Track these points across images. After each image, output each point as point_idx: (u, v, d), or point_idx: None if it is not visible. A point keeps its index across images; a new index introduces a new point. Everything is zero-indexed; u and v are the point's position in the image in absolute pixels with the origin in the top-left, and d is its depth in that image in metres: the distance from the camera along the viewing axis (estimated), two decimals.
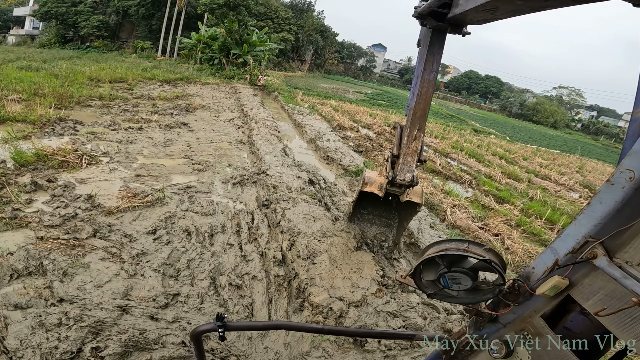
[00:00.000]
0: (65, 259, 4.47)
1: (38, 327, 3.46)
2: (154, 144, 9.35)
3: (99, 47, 42.31)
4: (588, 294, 1.30)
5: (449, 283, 1.56)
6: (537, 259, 1.49)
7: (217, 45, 31.14)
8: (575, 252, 1.33)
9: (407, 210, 5.44)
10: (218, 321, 1.75)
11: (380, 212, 5.92)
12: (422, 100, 4.23)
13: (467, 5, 3.19)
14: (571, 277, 1.35)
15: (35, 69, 18.13)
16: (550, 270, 1.39)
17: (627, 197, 1.20)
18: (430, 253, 1.56)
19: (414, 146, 4.40)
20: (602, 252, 1.24)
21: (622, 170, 1.23)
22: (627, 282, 1.12)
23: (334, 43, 70.70)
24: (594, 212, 1.30)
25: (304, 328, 2.18)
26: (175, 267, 4.71)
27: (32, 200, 5.75)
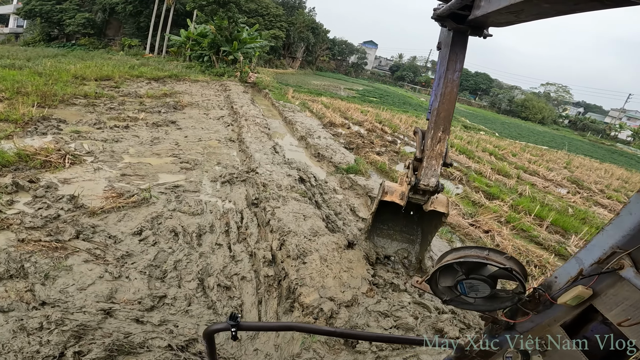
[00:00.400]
0: (47, 261, 4.34)
1: (19, 331, 3.35)
2: (141, 143, 9.17)
3: (85, 45, 41.64)
4: (612, 305, 1.30)
5: (466, 290, 1.55)
6: (560, 268, 1.49)
7: (207, 43, 30.84)
8: (601, 263, 1.32)
9: (431, 222, 4.93)
10: (231, 320, 1.73)
11: (402, 226, 5.42)
12: (447, 101, 4.02)
13: (489, 7, 3.03)
14: (595, 287, 1.35)
15: (19, 67, 17.72)
16: (574, 280, 1.39)
17: None
18: (449, 259, 1.54)
19: (439, 149, 4.12)
20: (630, 263, 1.23)
21: None
22: None
23: (326, 40, 70.53)
24: (622, 223, 1.28)
25: (317, 330, 2.17)
26: (162, 268, 4.59)
27: (13, 201, 5.57)
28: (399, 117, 24.28)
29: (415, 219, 5.30)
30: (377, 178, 10.05)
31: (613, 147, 56.86)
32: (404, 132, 18.87)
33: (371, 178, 9.79)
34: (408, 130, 19.59)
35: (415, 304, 4.61)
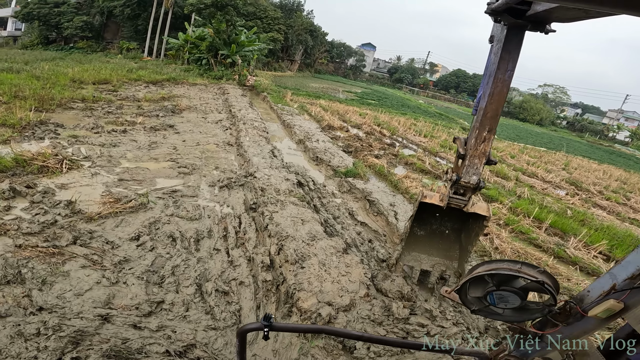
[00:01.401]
0: (45, 267, 4.33)
1: (17, 337, 3.35)
2: (139, 147, 9.16)
3: (83, 48, 41.60)
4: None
5: (495, 301, 1.59)
6: (593, 283, 1.52)
7: (205, 46, 30.85)
8: (634, 278, 1.37)
9: (471, 229, 4.73)
10: (265, 321, 1.81)
11: (440, 238, 5.17)
12: (495, 101, 3.85)
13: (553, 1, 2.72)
14: (626, 301, 1.38)
15: (16, 70, 17.69)
16: (607, 294, 1.43)
17: None
18: (479, 271, 1.57)
19: (483, 148, 4.00)
20: None
21: None
22: None
23: (324, 42, 70.57)
24: None
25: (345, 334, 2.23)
26: (160, 274, 4.58)
27: (10, 207, 5.56)
28: (397, 120, 24.31)
29: (454, 232, 5.10)
30: (375, 181, 10.05)
31: (611, 148, 56.98)
32: (403, 135, 18.88)
33: (370, 181, 9.79)
34: (407, 132, 19.62)
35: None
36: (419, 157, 13.91)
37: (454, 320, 4.48)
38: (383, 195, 8.91)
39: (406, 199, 9.14)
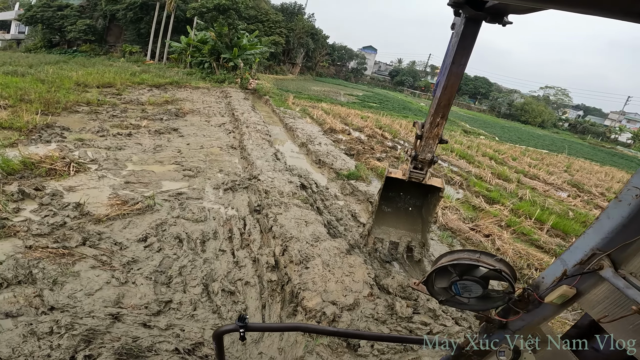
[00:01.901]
0: (55, 267, 4.43)
1: (30, 336, 3.44)
2: (144, 150, 9.28)
3: (86, 52, 41.94)
4: (594, 303, 1.38)
5: (460, 290, 1.63)
6: (547, 269, 1.57)
7: (207, 49, 31.06)
8: (583, 264, 1.41)
9: (430, 202, 5.50)
10: (240, 322, 1.81)
11: (404, 216, 5.86)
12: (448, 92, 4.31)
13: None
14: (578, 287, 1.43)
15: (21, 74, 17.90)
16: (559, 280, 1.47)
17: (633, 213, 1.28)
18: (443, 262, 1.63)
19: (436, 131, 4.60)
20: (608, 263, 1.32)
21: (629, 187, 1.32)
22: (629, 291, 1.20)
23: (325, 46, 70.76)
24: (601, 226, 1.38)
25: (321, 330, 2.28)
26: (167, 274, 4.68)
27: (19, 209, 5.67)
28: (399, 123, 24.41)
29: (416, 208, 5.80)
30: (377, 184, 10.15)
31: (613, 150, 56.95)
32: (404, 138, 18.98)
33: (372, 184, 9.89)
34: (408, 135, 19.71)
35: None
36: None
37: (457, 319, 4.57)
38: None
39: None
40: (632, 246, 1.30)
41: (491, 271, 1.54)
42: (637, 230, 1.28)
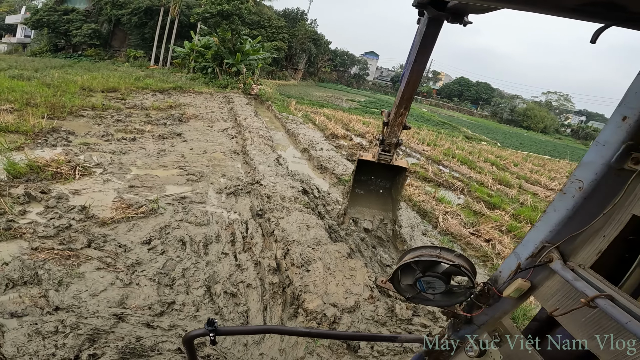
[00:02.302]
0: (60, 268, 4.52)
1: (35, 335, 3.51)
2: (148, 155, 9.40)
3: (91, 56, 42.26)
4: (548, 296, 1.40)
5: (424, 287, 1.66)
6: (503, 263, 1.60)
7: (211, 54, 31.30)
8: (535, 257, 1.44)
9: (397, 182, 6.17)
10: (209, 326, 1.80)
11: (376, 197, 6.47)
12: (410, 87, 4.74)
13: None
14: (532, 280, 1.45)
15: (27, 78, 18.10)
16: (514, 274, 1.49)
17: (578, 205, 1.32)
18: (406, 259, 1.66)
19: (400, 120, 5.26)
20: (558, 256, 1.35)
21: (573, 180, 1.35)
22: (578, 284, 1.22)
23: (327, 51, 71.02)
24: (549, 219, 1.41)
25: (292, 332, 2.29)
26: (170, 276, 4.76)
27: (26, 211, 5.77)
28: None
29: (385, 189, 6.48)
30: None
31: None
32: (406, 143, 19.06)
33: None
34: (410, 141, 19.80)
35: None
36: (422, 165, 14.08)
37: None
38: None
39: (409, 206, 9.30)
40: (579, 238, 1.33)
41: (451, 267, 1.58)
42: (583, 222, 1.32)
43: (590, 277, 1.24)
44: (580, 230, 1.32)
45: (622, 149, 1.20)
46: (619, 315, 1.06)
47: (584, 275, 1.25)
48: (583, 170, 1.33)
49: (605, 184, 1.27)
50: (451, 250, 1.63)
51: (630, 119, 1.19)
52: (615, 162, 1.22)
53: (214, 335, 1.81)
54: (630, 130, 1.19)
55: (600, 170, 1.27)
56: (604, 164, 1.26)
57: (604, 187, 1.28)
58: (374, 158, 5.69)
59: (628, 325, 1.03)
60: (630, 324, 1.02)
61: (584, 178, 1.31)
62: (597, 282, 1.21)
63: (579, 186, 1.32)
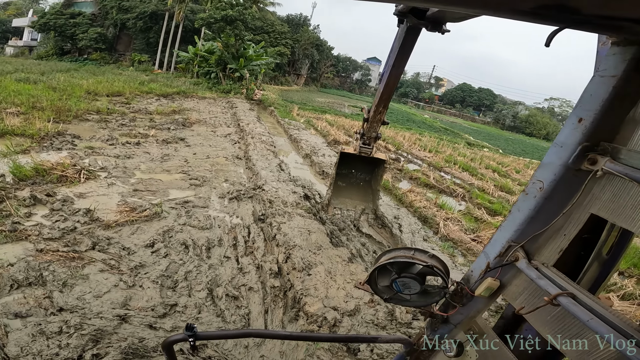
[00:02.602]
0: (65, 270, 4.58)
1: (39, 335, 3.57)
2: (152, 159, 9.50)
3: (97, 60, 42.71)
4: (516, 294, 1.44)
5: (400, 288, 1.69)
6: (474, 262, 1.65)
7: (214, 59, 31.57)
8: (502, 256, 1.48)
9: (377, 174, 6.88)
10: (188, 331, 1.77)
11: (357, 189, 7.21)
12: (388, 88, 5.32)
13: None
14: (501, 278, 1.49)
15: (34, 81, 18.31)
16: (484, 273, 1.53)
17: (539, 205, 1.37)
18: (382, 261, 1.70)
19: (378, 117, 5.86)
20: (523, 255, 1.39)
21: (534, 181, 1.39)
22: (541, 282, 1.26)
23: (330, 57, 71.27)
24: (514, 219, 1.46)
25: (273, 335, 2.33)
26: (173, 278, 4.83)
27: (31, 213, 5.86)
28: (402, 135, 24.57)
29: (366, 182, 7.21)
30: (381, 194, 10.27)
31: None
32: (408, 150, 19.13)
33: None
34: (411, 147, 19.88)
35: None
36: (423, 171, 14.13)
37: None
38: (387, 208, 9.13)
39: (410, 212, 9.36)
40: (541, 237, 1.37)
41: (425, 267, 1.61)
42: (545, 221, 1.36)
43: (553, 275, 1.28)
44: (543, 230, 1.36)
45: (578, 150, 1.24)
46: (580, 313, 1.10)
47: (547, 274, 1.29)
48: (543, 171, 1.37)
49: (564, 184, 1.31)
50: (424, 252, 1.67)
51: (585, 120, 1.24)
52: (572, 163, 1.26)
53: (194, 340, 1.79)
54: (585, 131, 1.23)
55: (559, 171, 1.31)
56: (562, 164, 1.30)
57: (563, 187, 1.32)
58: (355, 151, 6.34)
59: (589, 323, 1.06)
60: (591, 321, 1.06)
61: (544, 179, 1.35)
62: (560, 280, 1.25)
63: (539, 187, 1.36)
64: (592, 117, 1.22)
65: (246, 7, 31.94)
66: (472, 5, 0.75)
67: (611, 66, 1.19)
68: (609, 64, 1.20)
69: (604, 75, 1.21)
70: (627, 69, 1.15)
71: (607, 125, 1.22)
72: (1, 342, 3.45)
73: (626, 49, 1.15)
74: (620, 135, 1.22)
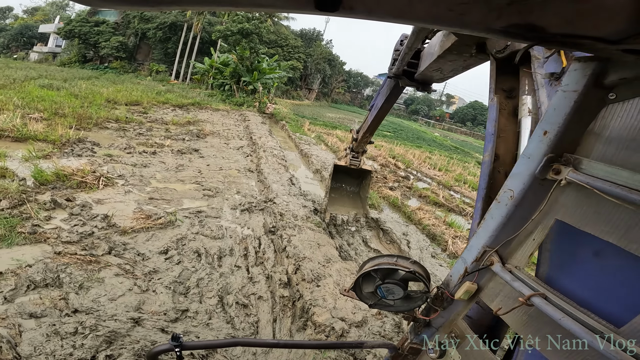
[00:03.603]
0: (81, 273, 4.75)
1: (53, 335, 3.70)
2: (167, 169, 9.76)
3: (117, 68, 43.76)
4: (492, 296, 1.54)
5: (384, 293, 1.78)
6: (453, 267, 1.75)
7: (229, 72, 32.12)
8: (478, 261, 1.58)
9: (365, 183, 8.20)
10: (174, 341, 1.80)
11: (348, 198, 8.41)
12: (374, 124, 6.44)
13: (423, 66, 4.01)
14: (478, 282, 1.59)
15: (57, 87, 18.88)
16: (462, 277, 1.63)
17: (510, 212, 1.47)
18: (366, 268, 1.79)
19: (365, 139, 7.10)
20: (497, 259, 1.49)
21: (505, 190, 1.50)
22: (515, 284, 1.35)
23: (342, 72, 71.49)
24: (488, 225, 1.56)
25: (260, 344, 2.39)
26: (185, 285, 4.98)
27: (51, 217, 6.07)
28: (412, 153, 24.62)
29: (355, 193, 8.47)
30: (389, 212, 10.38)
31: None
32: (417, 168, 19.18)
33: (383, 212, 10.13)
34: (421, 165, 19.94)
35: None
36: (433, 190, 14.17)
37: None
38: (396, 225, 9.22)
39: (419, 229, 9.43)
40: (513, 242, 1.47)
41: (407, 273, 1.70)
42: (516, 227, 1.45)
43: (526, 277, 1.38)
44: (514, 235, 1.46)
45: (544, 161, 1.34)
46: (552, 312, 1.19)
47: (520, 276, 1.38)
48: (514, 180, 1.47)
49: (532, 192, 1.41)
50: (407, 258, 1.77)
51: (550, 133, 1.34)
52: (539, 173, 1.36)
53: (180, 351, 1.80)
54: (550, 143, 1.33)
55: (527, 181, 1.41)
56: (530, 174, 1.40)
57: (531, 195, 1.41)
58: (346, 164, 7.55)
59: (561, 322, 1.15)
60: (563, 319, 1.15)
61: (515, 188, 1.45)
62: (531, 282, 1.34)
63: (510, 195, 1.46)
64: (556, 130, 1.32)
65: (262, 20, 32.65)
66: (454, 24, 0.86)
67: (573, 81, 1.28)
68: (570, 80, 1.29)
69: (566, 90, 1.30)
70: (587, 84, 1.23)
71: (569, 137, 1.32)
72: (14, 341, 3.55)
73: (586, 64, 1.23)
74: (582, 146, 1.31)
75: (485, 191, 2.13)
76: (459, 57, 3.09)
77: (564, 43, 0.93)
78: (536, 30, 0.83)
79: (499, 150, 2.22)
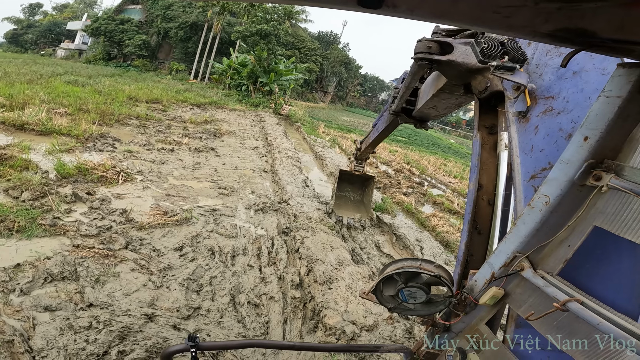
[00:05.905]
0: (98, 267, 4.82)
1: (67, 329, 3.74)
2: (184, 167, 9.91)
3: (139, 66, 44.73)
4: (520, 302, 1.53)
5: (406, 297, 1.77)
6: (478, 272, 1.74)
7: (246, 72, 32.43)
8: (507, 266, 1.57)
9: (368, 189, 8.91)
10: (190, 341, 1.80)
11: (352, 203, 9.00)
12: (376, 142, 6.89)
13: (420, 104, 4.29)
14: (506, 287, 1.58)
15: (81, 84, 19.37)
16: (489, 282, 1.62)
17: (544, 218, 1.45)
18: (388, 271, 1.78)
19: (369, 151, 7.71)
20: (528, 264, 1.48)
21: (540, 195, 1.48)
22: (548, 290, 1.34)
23: (357, 75, 71.29)
24: (519, 231, 1.54)
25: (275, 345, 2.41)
26: (199, 282, 5.04)
27: (71, 210, 6.22)
28: (427, 159, 24.41)
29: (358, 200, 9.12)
30: (402, 218, 10.32)
31: None
32: (432, 174, 19.00)
33: (397, 217, 10.07)
34: (436, 172, 19.75)
35: None
36: (447, 197, 14.02)
37: None
38: (410, 230, 9.16)
39: (433, 236, 9.35)
40: (546, 247, 1.46)
41: (432, 277, 1.69)
42: (549, 233, 1.44)
43: (559, 283, 1.36)
44: (548, 241, 1.45)
45: (584, 167, 1.32)
46: (590, 317, 1.18)
47: (552, 282, 1.37)
48: (549, 186, 1.45)
49: (569, 198, 1.39)
50: (431, 262, 1.76)
51: (591, 139, 1.31)
52: (578, 179, 1.34)
53: (196, 351, 1.79)
54: (591, 149, 1.31)
55: (565, 186, 1.39)
56: (568, 180, 1.37)
57: (568, 201, 1.39)
58: (351, 170, 8.39)
59: (600, 326, 1.14)
60: (602, 324, 1.14)
61: (550, 193, 1.43)
62: (566, 288, 1.33)
63: (545, 201, 1.44)
64: (598, 136, 1.29)
65: (280, 22, 32.91)
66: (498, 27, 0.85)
67: (616, 87, 1.26)
68: (614, 85, 1.27)
69: (609, 96, 1.28)
70: (631, 90, 1.22)
71: (611, 143, 1.30)
72: (27, 334, 3.59)
73: (631, 70, 1.22)
74: (623, 153, 1.30)
75: (470, 216, 2.28)
76: (451, 96, 3.44)
77: (614, 49, 0.92)
78: (586, 35, 0.82)
79: (482, 181, 2.41)
